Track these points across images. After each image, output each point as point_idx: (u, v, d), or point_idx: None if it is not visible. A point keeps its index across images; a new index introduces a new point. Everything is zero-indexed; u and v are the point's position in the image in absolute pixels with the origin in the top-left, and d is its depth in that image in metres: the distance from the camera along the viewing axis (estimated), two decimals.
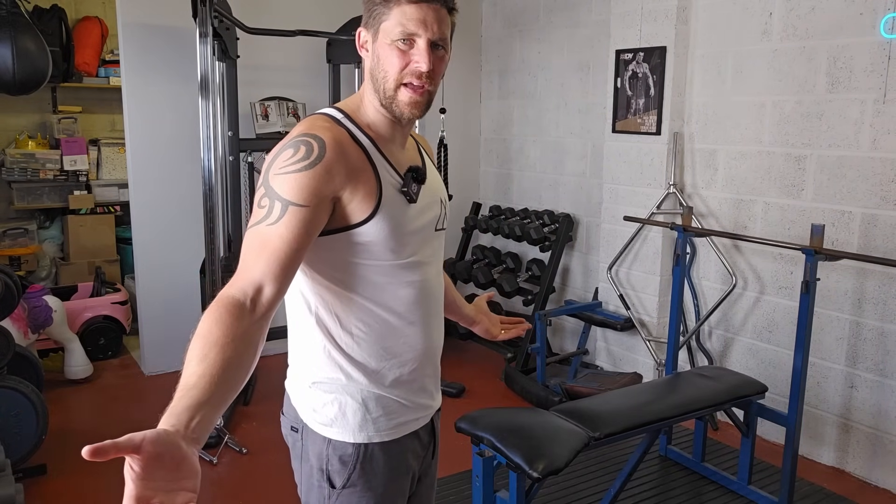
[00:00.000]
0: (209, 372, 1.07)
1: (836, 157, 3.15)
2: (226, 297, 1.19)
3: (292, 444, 1.48)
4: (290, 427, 1.48)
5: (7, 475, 2.19)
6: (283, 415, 1.52)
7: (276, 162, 1.22)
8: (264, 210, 1.20)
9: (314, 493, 1.40)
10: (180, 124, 4.04)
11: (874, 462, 3.13)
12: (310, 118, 1.33)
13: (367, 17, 1.32)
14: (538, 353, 3.81)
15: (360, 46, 1.36)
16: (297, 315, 1.41)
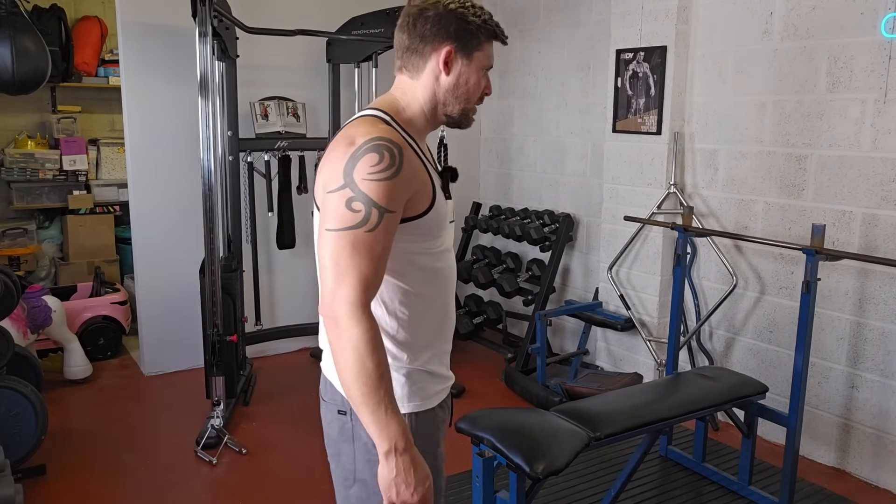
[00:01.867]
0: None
1: (837, 157, 3.15)
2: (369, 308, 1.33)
3: (339, 426, 1.54)
4: (338, 411, 1.54)
5: (6, 475, 2.18)
6: (324, 401, 1.58)
7: (360, 166, 1.31)
8: (360, 215, 1.30)
9: (369, 468, 1.45)
10: (180, 124, 4.04)
11: (875, 462, 3.12)
12: (368, 120, 1.41)
13: (460, 40, 1.44)
14: (538, 353, 3.80)
15: (444, 63, 1.45)
16: None
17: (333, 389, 1.54)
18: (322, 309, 1.35)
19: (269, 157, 4.22)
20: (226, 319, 3.44)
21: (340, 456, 1.54)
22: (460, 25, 1.44)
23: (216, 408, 3.42)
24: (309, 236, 4.62)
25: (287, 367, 4.44)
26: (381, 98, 1.51)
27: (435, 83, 1.47)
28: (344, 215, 1.30)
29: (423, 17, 1.44)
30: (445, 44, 1.44)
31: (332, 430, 1.57)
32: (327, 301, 1.33)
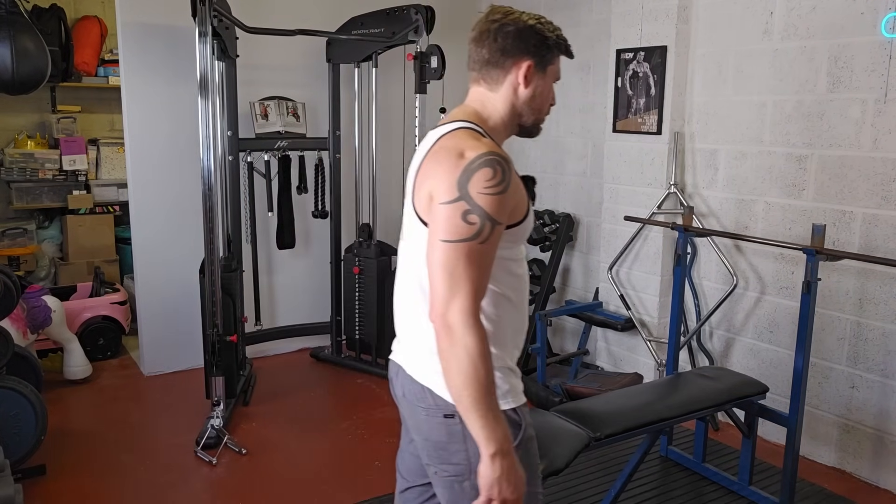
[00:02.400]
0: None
1: (837, 157, 3.15)
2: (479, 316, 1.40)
3: (448, 430, 1.52)
4: (444, 415, 1.52)
5: (6, 475, 2.18)
6: (425, 411, 1.55)
7: (475, 180, 1.38)
8: (475, 227, 1.37)
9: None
10: (180, 124, 4.04)
11: (875, 462, 3.12)
12: (469, 133, 1.48)
13: (538, 55, 1.55)
14: (538, 353, 3.80)
15: (524, 76, 1.54)
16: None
17: (435, 395, 1.53)
18: (433, 316, 1.40)
19: (269, 157, 4.21)
20: (226, 319, 3.44)
21: (451, 457, 1.54)
22: (539, 40, 1.54)
23: (216, 408, 3.42)
24: (309, 236, 4.62)
25: (287, 367, 4.44)
26: (461, 109, 1.58)
27: (514, 95, 1.55)
28: (459, 227, 1.37)
29: (503, 32, 1.52)
30: (525, 58, 1.53)
31: (436, 434, 1.55)
32: (440, 310, 1.38)
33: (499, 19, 1.53)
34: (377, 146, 4.32)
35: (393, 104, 4.49)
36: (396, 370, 1.66)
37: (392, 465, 3.28)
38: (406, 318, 1.62)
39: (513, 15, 1.54)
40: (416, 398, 1.57)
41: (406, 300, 1.60)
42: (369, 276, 4.20)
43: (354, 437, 3.51)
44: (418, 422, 1.59)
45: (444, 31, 4.31)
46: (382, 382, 4.19)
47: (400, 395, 1.64)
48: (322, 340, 4.61)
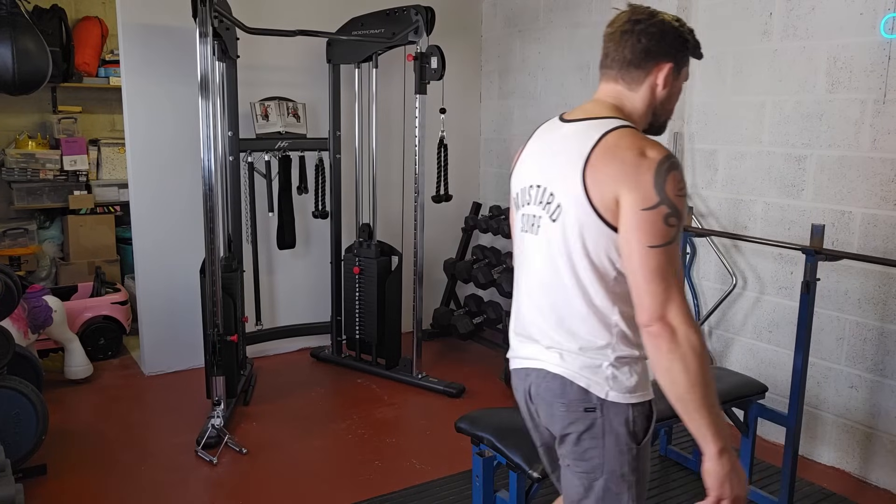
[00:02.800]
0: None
1: (837, 158, 3.15)
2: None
3: (587, 423, 1.58)
4: (584, 409, 1.57)
5: (7, 475, 2.19)
6: (565, 406, 1.59)
7: (670, 184, 1.43)
8: (674, 230, 1.43)
9: (620, 458, 1.57)
10: (180, 124, 4.05)
11: (874, 462, 3.13)
12: (635, 133, 1.53)
13: (677, 58, 1.59)
14: None
15: (664, 78, 1.59)
16: (597, 310, 1.55)
17: (578, 388, 1.57)
18: (647, 320, 1.43)
19: (270, 157, 4.22)
20: (226, 319, 3.44)
21: (586, 452, 1.59)
22: (680, 43, 1.59)
23: (216, 407, 3.42)
24: (309, 236, 4.63)
25: (287, 367, 4.45)
26: (600, 105, 1.63)
27: (651, 96, 1.60)
28: (663, 231, 1.42)
29: (647, 34, 1.55)
30: (666, 61, 1.58)
31: (574, 428, 1.59)
32: (658, 313, 1.41)
33: (643, 20, 1.56)
34: (377, 146, 4.33)
35: (393, 105, 4.50)
36: (525, 374, 1.68)
37: (392, 465, 3.28)
38: (547, 317, 1.61)
39: (656, 17, 1.57)
40: (555, 394, 1.60)
41: (548, 298, 1.60)
42: (369, 276, 4.20)
43: (354, 437, 3.52)
44: (556, 418, 1.61)
45: (444, 32, 4.32)
46: (382, 382, 4.19)
47: (535, 394, 1.66)
48: (322, 340, 4.62)
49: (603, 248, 1.50)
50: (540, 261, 1.61)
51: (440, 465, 3.22)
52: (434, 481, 3.08)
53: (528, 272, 1.67)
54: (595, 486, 1.58)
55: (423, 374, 4.17)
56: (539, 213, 1.60)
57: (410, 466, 3.23)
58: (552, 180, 1.57)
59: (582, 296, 1.54)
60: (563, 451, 1.64)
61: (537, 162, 1.65)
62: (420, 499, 2.95)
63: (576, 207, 1.51)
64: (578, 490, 1.61)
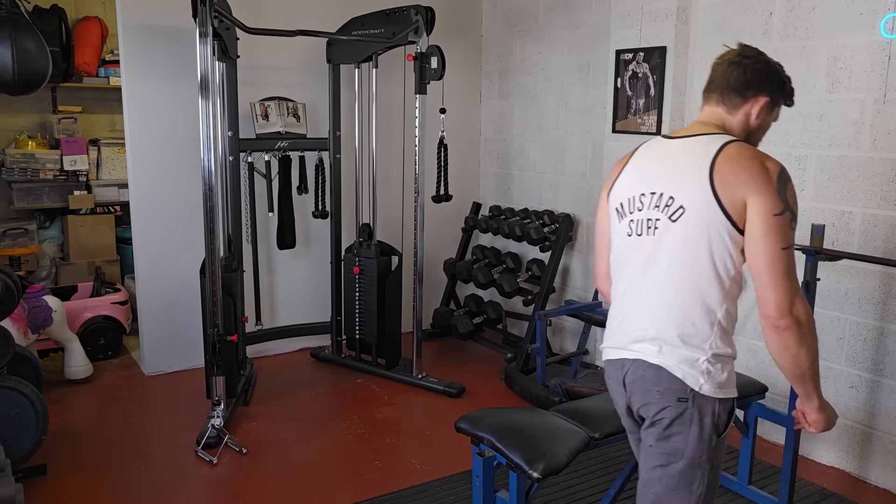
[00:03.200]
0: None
1: (837, 158, 3.15)
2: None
3: (678, 411, 1.73)
4: (678, 398, 1.73)
5: (7, 475, 2.19)
6: (659, 393, 1.75)
7: (790, 192, 1.65)
8: (794, 233, 1.66)
9: (702, 446, 1.73)
10: (180, 124, 4.05)
11: (874, 462, 3.13)
12: (752, 146, 1.74)
13: (773, 95, 1.80)
14: (538, 353, 3.81)
15: (759, 110, 1.78)
16: (707, 307, 1.73)
17: (674, 379, 1.73)
18: (779, 315, 1.63)
19: (270, 157, 4.22)
20: (226, 319, 3.44)
21: (672, 437, 1.75)
22: (779, 84, 1.81)
23: (216, 407, 3.42)
24: (309, 236, 4.63)
25: (287, 367, 4.45)
26: (708, 126, 1.79)
27: (745, 122, 1.79)
28: (789, 235, 1.64)
29: (753, 68, 1.77)
30: (763, 95, 1.78)
31: (665, 414, 1.75)
32: (787, 307, 1.63)
33: (751, 56, 1.79)
34: (377, 146, 4.33)
35: (393, 105, 4.50)
36: (621, 364, 1.82)
37: (392, 465, 3.28)
38: (654, 312, 1.76)
39: (763, 56, 1.81)
40: (652, 382, 1.75)
41: (658, 295, 1.75)
42: (369, 276, 4.21)
43: (354, 436, 3.52)
44: (651, 404, 1.76)
45: (444, 32, 4.32)
46: (382, 382, 4.19)
47: (630, 382, 1.81)
48: (322, 340, 4.62)
49: (727, 247, 1.69)
50: (652, 259, 1.76)
51: (440, 465, 3.22)
52: (434, 481, 3.08)
53: (634, 271, 1.81)
54: (672, 467, 1.75)
55: (423, 374, 4.17)
56: (657, 216, 1.75)
57: (410, 466, 3.23)
58: (671, 186, 1.73)
59: (694, 292, 1.71)
60: (649, 433, 1.79)
61: (647, 173, 1.81)
62: (420, 499, 2.95)
63: (701, 208, 1.67)
64: (656, 469, 1.78)
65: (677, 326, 1.72)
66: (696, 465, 1.74)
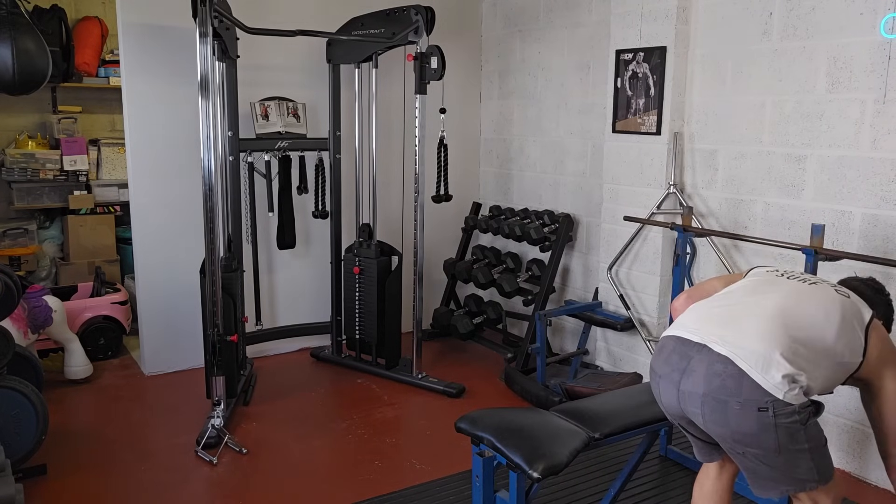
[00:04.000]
0: None
1: (837, 157, 3.15)
2: None
3: (759, 421, 1.91)
4: (758, 409, 1.90)
5: (7, 475, 2.19)
6: (737, 402, 1.92)
7: None
8: None
9: (793, 440, 1.94)
10: (180, 124, 4.04)
11: (875, 462, 3.13)
12: None
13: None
14: (538, 353, 3.81)
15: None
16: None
17: (756, 388, 1.90)
18: None
19: (270, 157, 4.22)
20: (226, 319, 3.44)
21: (763, 443, 1.94)
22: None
23: (216, 407, 3.42)
24: (309, 236, 4.63)
25: (287, 367, 4.45)
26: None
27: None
28: None
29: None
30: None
31: (746, 425, 1.93)
32: None
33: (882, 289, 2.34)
34: (377, 146, 4.33)
35: (393, 104, 4.50)
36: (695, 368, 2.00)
37: (392, 465, 3.28)
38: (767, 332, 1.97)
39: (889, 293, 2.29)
40: (730, 393, 1.92)
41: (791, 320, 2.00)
42: (369, 276, 4.21)
43: (354, 437, 3.52)
44: (727, 416, 1.94)
45: (444, 32, 4.32)
46: (382, 382, 4.20)
47: (701, 393, 1.96)
48: (322, 340, 4.62)
49: None
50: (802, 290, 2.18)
51: (440, 465, 3.22)
52: (434, 481, 3.08)
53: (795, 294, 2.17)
54: (779, 460, 1.98)
55: (423, 374, 4.17)
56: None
57: (410, 466, 3.23)
58: None
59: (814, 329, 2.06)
60: (733, 444, 2.03)
61: None
62: (420, 499, 2.95)
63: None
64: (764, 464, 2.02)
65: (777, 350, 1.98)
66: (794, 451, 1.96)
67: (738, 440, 1.97)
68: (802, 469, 1.99)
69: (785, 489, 2.06)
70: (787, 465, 1.98)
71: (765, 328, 1.98)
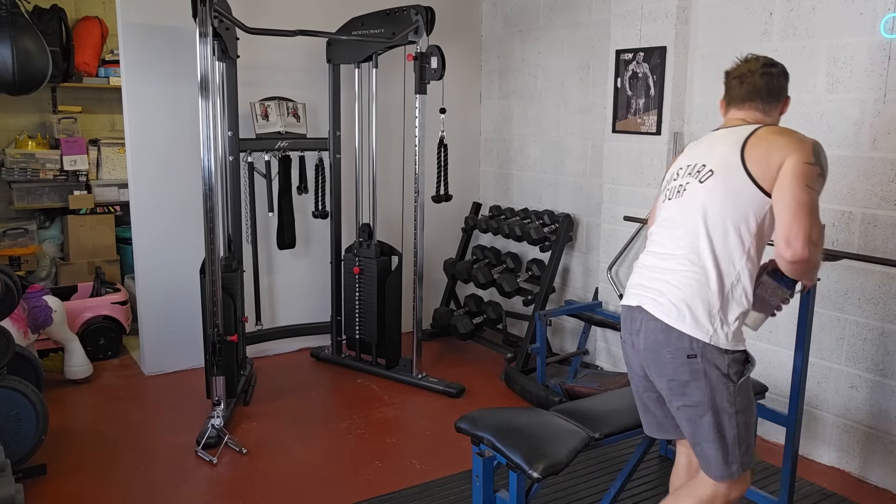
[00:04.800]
0: None
1: (837, 158, 3.15)
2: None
3: (690, 369, 1.99)
4: (687, 356, 1.99)
5: (7, 475, 2.19)
6: (671, 354, 2.01)
7: (822, 156, 2.01)
8: (820, 184, 1.97)
9: (720, 394, 2.00)
10: (180, 124, 4.05)
11: (874, 462, 3.13)
12: (782, 127, 2.11)
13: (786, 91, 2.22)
14: (538, 353, 3.81)
15: (785, 103, 2.24)
16: (720, 267, 2.01)
17: (682, 336, 1.98)
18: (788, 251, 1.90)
19: (270, 157, 4.22)
20: (226, 319, 3.44)
21: (692, 394, 2.01)
22: (788, 80, 2.21)
23: (216, 407, 3.42)
24: (309, 236, 4.63)
25: (287, 367, 4.45)
26: (748, 119, 2.17)
27: (777, 119, 2.20)
28: (816, 181, 1.95)
29: (777, 73, 2.19)
30: (786, 93, 2.21)
31: (680, 373, 2.01)
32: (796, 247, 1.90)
33: (775, 66, 2.20)
34: (377, 146, 4.33)
35: (393, 104, 4.50)
36: (640, 323, 2.08)
37: (392, 465, 3.28)
38: (666, 269, 2.06)
39: (779, 65, 2.21)
40: (661, 344, 2.01)
41: (673, 254, 2.06)
42: (369, 276, 4.21)
43: (354, 437, 3.52)
44: (662, 365, 2.03)
45: (444, 32, 4.32)
46: (382, 382, 4.20)
47: (641, 349, 2.07)
48: (322, 340, 4.62)
49: (752, 209, 1.98)
50: (669, 221, 2.13)
51: (440, 465, 3.22)
52: (434, 481, 3.08)
53: (660, 229, 2.17)
54: (704, 420, 2.02)
55: (423, 374, 4.17)
56: (688, 181, 2.11)
57: (410, 466, 3.23)
58: (706, 158, 2.10)
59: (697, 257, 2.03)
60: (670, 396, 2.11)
61: (690, 155, 2.19)
62: (420, 499, 2.95)
63: (729, 173, 2.01)
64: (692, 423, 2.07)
65: (694, 289, 2.02)
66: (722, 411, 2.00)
67: (674, 390, 2.05)
68: (729, 439, 2.01)
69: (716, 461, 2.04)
70: (716, 428, 2.01)
71: (678, 275, 2.04)
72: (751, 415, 2.05)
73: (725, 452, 2.02)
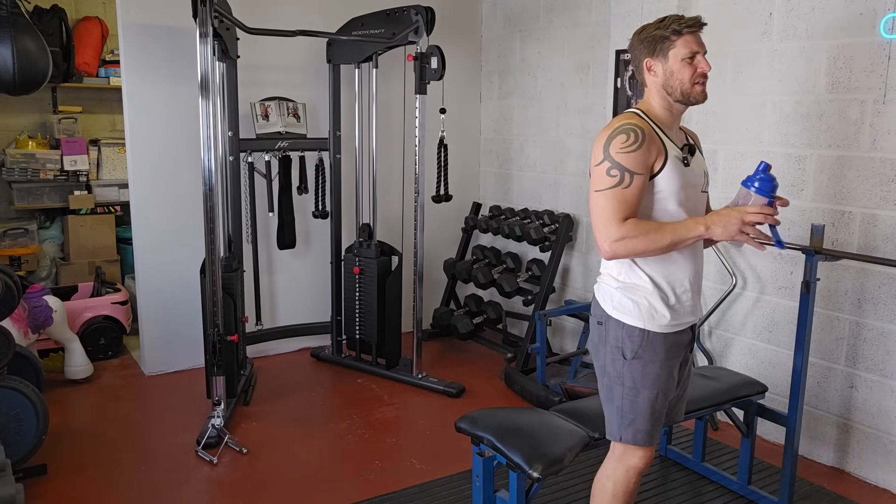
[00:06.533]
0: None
1: (836, 157, 3.16)
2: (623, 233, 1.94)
3: (598, 334, 2.11)
4: (597, 322, 2.11)
5: (7, 475, 2.18)
6: (591, 315, 2.16)
7: (613, 143, 1.94)
8: (616, 178, 1.92)
9: (614, 364, 2.07)
10: (180, 124, 4.05)
11: (874, 462, 3.13)
12: (625, 114, 2.05)
13: (651, 50, 2.05)
14: (538, 353, 3.81)
15: (648, 70, 2.08)
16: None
17: (597, 305, 2.12)
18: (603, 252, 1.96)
19: (270, 157, 4.22)
20: (226, 319, 3.45)
21: (598, 357, 2.12)
22: (645, 43, 2.06)
23: (217, 407, 3.43)
24: (309, 236, 4.64)
25: (287, 367, 4.45)
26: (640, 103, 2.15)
27: (655, 84, 2.08)
28: (604, 180, 1.93)
29: (631, 49, 2.12)
30: (643, 58, 2.08)
31: (593, 336, 2.13)
32: (604, 248, 1.94)
33: (628, 49, 2.13)
34: (377, 146, 4.33)
35: (393, 104, 4.50)
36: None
37: (392, 465, 3.29)
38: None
39: (631, 38, 2.11)
40: (592, 313, 2.16)
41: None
42: (369, 276, 4.21)
43: (354, 436, 3.52)
44: (591, 331, 2.16)
45: (444, 32, 4.32)
46: (382, 382, 4.20)
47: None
48: (322, 340, 4.62)
49: None
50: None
51: (440, 465, 3.22)
52: (434, 481, 3.08)
53: None
54: (604, 384, 2.13)
55: (423, 374, 4.17)
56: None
57: (410, 466, 3.24)
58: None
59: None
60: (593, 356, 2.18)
61: None
62: (420, 499, 2.95)
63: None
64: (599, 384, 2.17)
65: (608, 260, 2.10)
66: (616, 382, 2.07)
67: (592, 352, 2.17)
68: (614, 404, 2.08)
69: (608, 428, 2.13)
70: (606, 394, 2.11)
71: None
72: (637, 395, 2.05)
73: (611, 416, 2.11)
